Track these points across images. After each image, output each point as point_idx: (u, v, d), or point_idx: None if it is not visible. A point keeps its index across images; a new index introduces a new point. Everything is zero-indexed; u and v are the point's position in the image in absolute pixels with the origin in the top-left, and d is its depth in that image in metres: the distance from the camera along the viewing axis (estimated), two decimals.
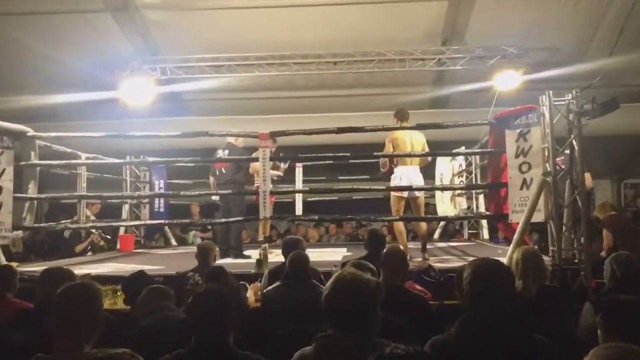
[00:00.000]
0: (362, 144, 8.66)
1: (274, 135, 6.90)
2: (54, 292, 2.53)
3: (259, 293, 4.83)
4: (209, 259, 5.17)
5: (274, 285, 4.08)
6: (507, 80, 9.69)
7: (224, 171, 7.84)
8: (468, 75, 10.26)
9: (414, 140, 6.92)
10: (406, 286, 4.13)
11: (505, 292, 2.47)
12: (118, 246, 9.74)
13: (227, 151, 7.81)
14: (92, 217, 9.20)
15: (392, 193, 7.03)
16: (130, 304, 3.99)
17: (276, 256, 6.44)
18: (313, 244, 10.46)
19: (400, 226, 7.00)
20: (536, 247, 6.08)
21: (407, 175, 6.86)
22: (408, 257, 5.20)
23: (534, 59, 9.80)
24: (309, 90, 11.37)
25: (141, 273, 4.40)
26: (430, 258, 6.81)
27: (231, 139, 7.88)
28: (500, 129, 6.39)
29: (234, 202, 7.68)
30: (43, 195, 7.89)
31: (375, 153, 7.05)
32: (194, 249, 5.75)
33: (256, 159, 6.88)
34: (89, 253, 9.06)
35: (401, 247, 4.78)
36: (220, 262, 6.28)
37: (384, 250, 4.03)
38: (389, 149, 6.90)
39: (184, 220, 7.56)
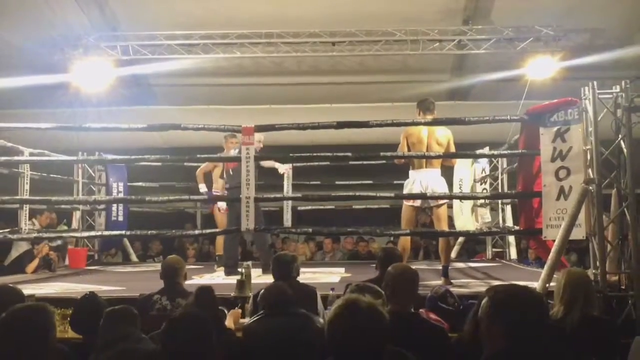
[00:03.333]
0: (366, 144, 8.71)
1: (260, 129, 6.91)
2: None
3: (240, 321, 4.85)
4: (177, 279, 5.16)
5: (256, 317, 4.10)
6: (542, 68, 9.75)
7: (231, 173, 7.88)
8: (494, 61, 10.32)
9: (435, 137, 6.89)
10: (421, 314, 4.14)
11: (535, 325, 2.47)
12: (67, 262, 9.72)
13: (237, 150, 7.83)
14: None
15: (404, 202, 7.04)
16: (82, 333, 3.98)
17: (258, 276, 6.46)
18: (304, 262, 10.45)
19: (405, 242, 7.01)
20: None
21: (422, 180, 6.87)
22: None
23: (573, 42, 9.87)
24: (301, 76, 11.41)
25: (93, 295, 4.36)
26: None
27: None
28: (533, 127, 6.41)
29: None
30: None
31: (382, 153, 7.04)
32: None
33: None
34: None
35: None
36: (190, 282, 6.28)
37: (393, 271, 4.01)
38: (403, 147, 6.91)
39: (148, 232, 7.52)
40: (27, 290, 5.92)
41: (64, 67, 9.98)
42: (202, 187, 8.85)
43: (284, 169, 8.61)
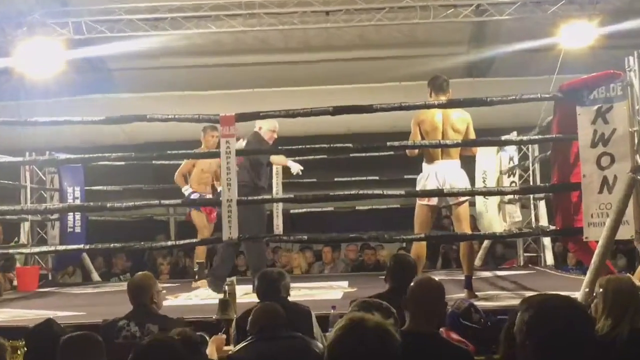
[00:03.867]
0: (369, 133, 8.71)
1: (242, 118, 6.91)
2: None
3: (224, 348, 4.83)
4: (144, 300, 5.14)
5: (244, 343, 4.07)
6: (577, 35, 9.74)
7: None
8: (520, 28, 10.31)
9: (450, 122, 6.83)
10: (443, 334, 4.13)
11: (579, 342, 2.46)
12: (15, 283, 9.71)
13: (244, 142, 7.86)
14: None
15: (418, 200, 7.03)
16: None
17: (245, 294, 6.44)
18: (299, 276, 10.46)
19: (420, 249, 6.97)
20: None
21: (438, 173, 6.86)
22: None
23: (613, 4, 9.86)
24: (289, 53, 11.40)
25: (49, 322, 4.36)
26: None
27: (259, 128, 7.93)
28: (568, 106, 6.41)
29: (249, 213, 7.60)
30: None
31: (390, 143, 7.04)
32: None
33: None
34: None
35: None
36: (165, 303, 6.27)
37: (413, 284, 4.01)
38: (415, 136, 6.88)
39: (111, 245, 7.52)
40: None
41: (5, 51, 9.96)
42: (187, 189, 8.81)
43: (297, 169, 8.51)
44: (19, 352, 5.04)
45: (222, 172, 6.66)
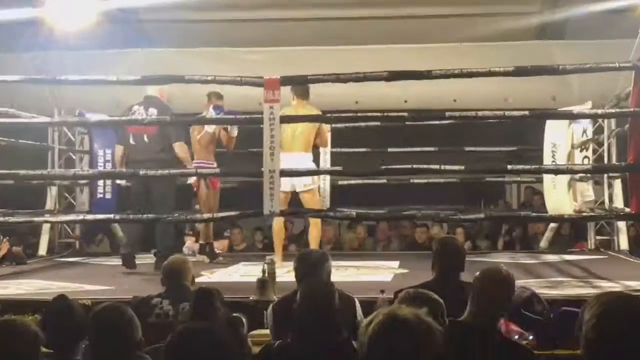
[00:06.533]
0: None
1: (286, 82, 6.96)
2: None
3: (256, 333, 4.95)
4: (181, 282, 5.26)
5: (280, 343, 4.02)
6: None
7: (146, 140, 8.03)
8: None
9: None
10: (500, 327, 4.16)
11: None
12: (40, 252, 9.93)
13: (153, 110, 8.01)
14: None
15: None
16: (53, 348, 4.05)
17: (287, 272, 6.49)
18: (349, 253, 10.54)
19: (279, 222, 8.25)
20: None
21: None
22: None
23: None
24: (340, 8, 11.37)
25: (63, 300, 4.39)
26: (534, 281, 6.84)
27: (153, 91, 8.10)
28: None
29: (160, 188, 7.93)
30: None
31: (449, 113, 7.07)
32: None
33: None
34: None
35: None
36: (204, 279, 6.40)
37: (480, 274, 4.03)
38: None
39: (144, 216, 7.65)
40: None
41: (35, 0, 10.09)
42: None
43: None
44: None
45: (264, 141, 6.70)
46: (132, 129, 8.10)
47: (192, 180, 8.70)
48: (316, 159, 8.94)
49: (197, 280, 5.91)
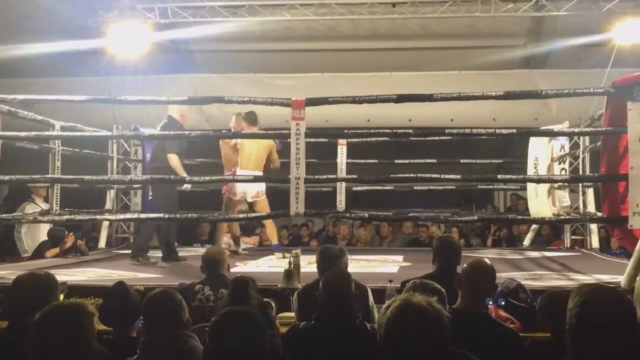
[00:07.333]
0: (428, 127, 8.69)
1: (311, 103, 6.94)
2: (32, 310, 2.61)
3: (284, 315, 4.93)
4: (219, 271, 5.26)
5: (305, 324, 4.00)
6: (631, 32, 9.53)
7: (148, 156, 8.07)
8: (576, 23, 10.12)
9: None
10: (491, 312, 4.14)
11: (627, 333, 2.49)
12: (100, 244, 9.97)
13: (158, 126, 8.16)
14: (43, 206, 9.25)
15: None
16: (112, 326, 4.04)
17: (309, 264, 6.48)
18: (361, 248, 10.53)
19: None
20: None
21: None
22: None
23: None
24: (357, 41, 11.37)
25: (121, 286, 4.38)
26: (519, 274, 6.79)
27: (173, 112, 8.04)
28: (620, 101, 6.29)
29: (160, 194, 8.15)
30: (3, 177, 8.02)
31: (448, 130, 7.03)
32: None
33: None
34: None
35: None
36: (234, 270, 6.38)
37: (467, 266, 4.02)
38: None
39: (189, 215, 7.66)
40: (59, 276, 6.08)
41: (99, 32, 10.14)
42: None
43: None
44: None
45: (291, 152, 6.69)
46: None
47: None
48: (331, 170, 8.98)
49: (232, 270, 5.91)
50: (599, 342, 2.46)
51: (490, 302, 4.62)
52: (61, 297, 4.32)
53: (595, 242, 9.89)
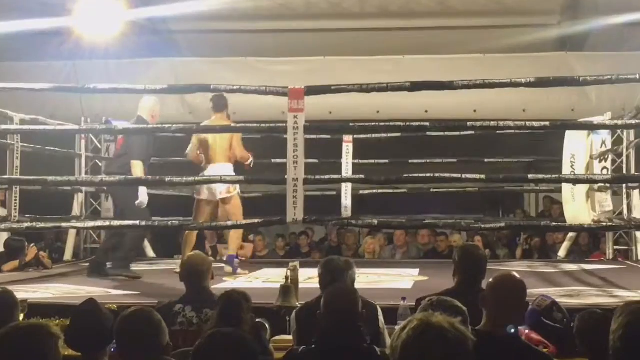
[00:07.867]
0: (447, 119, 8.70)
1: (311, 92, 6.94)
2: None
3: (280, 338, 4.92)
4: (202, 283, 5.23)
5: (304, 348, 3.99)
6: None
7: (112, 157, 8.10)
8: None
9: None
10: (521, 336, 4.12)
11: None
12: (66, 257, 9.96)
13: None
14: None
15: (194, 195, 8.45)
16: (80, 350, 4.04)
17: (309, 279, 6.46)
18: (370, 260, 10.51)
19: (190, 235, 8.42)
20: None
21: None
22: None
23: None
24: (365, 19, 11.38)
25: (91, 304, 4.37)
26: (554, 290, 6.79)
27: (143, 112, 8.04)
28: None
29: (122, 201, 8.29)
30: None
31: (470, 123, 7.04)
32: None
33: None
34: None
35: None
36: (220, 286, 6.37)
37: (493, 280, 4.00)
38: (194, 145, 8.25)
39: (169, 222, 7.65)
40: (19, 293, 6.09)
41: (64, 9, 10.12)
42: None
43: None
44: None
45: (288, 149, 6.67)
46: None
47: None
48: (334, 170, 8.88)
49: (219, 286, 5.91)
50: None
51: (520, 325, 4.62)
52: (21, 317, 4.32)
53: None
